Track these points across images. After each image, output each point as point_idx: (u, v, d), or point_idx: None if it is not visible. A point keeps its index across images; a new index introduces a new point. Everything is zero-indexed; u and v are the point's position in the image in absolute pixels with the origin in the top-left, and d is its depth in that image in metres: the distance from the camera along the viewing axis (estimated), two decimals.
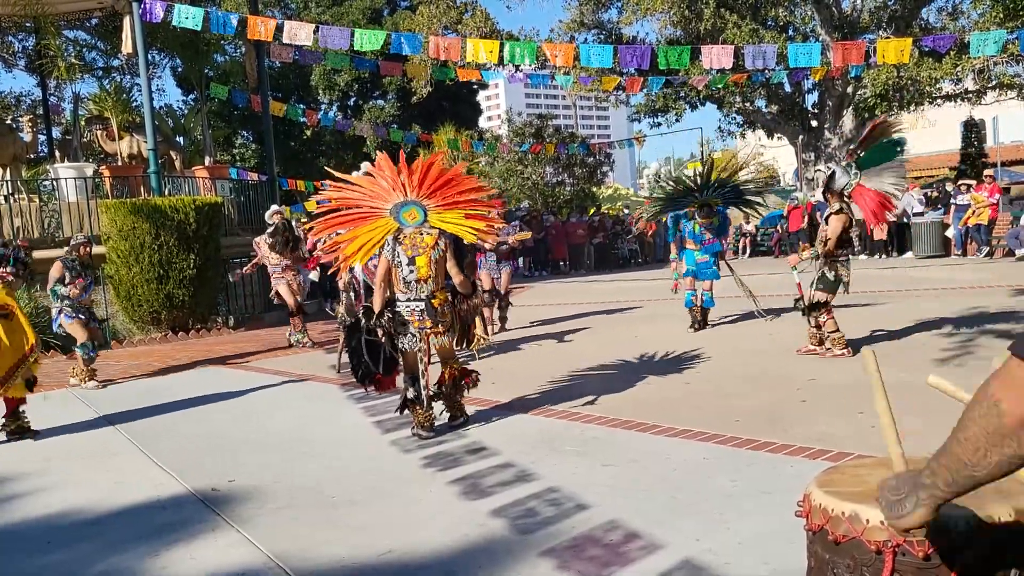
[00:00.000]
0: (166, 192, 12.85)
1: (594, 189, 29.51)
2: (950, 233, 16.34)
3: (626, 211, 25.77)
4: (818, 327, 6.83)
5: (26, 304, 8.99)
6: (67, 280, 7.76)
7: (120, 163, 14.19)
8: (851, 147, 6.93)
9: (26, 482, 4.76)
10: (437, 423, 5.20)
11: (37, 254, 11.35)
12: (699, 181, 8.76)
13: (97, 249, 11.63)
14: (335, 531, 3.61)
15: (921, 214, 16.85)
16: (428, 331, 5.05)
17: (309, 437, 5.46)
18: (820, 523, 1.53)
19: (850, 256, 6.94)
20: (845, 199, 6.79)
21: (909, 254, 16.71)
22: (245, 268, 10.22)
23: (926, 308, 8.83)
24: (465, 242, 5.88)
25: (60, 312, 7.80)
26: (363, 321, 5.12)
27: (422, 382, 5.15)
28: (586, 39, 23.45)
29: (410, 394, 5.14)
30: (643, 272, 18.94)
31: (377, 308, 5.09)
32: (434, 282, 5.04)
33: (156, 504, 4.21)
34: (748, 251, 22.38)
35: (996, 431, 1.14)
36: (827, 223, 6.78)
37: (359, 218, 5.26)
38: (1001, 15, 16.49)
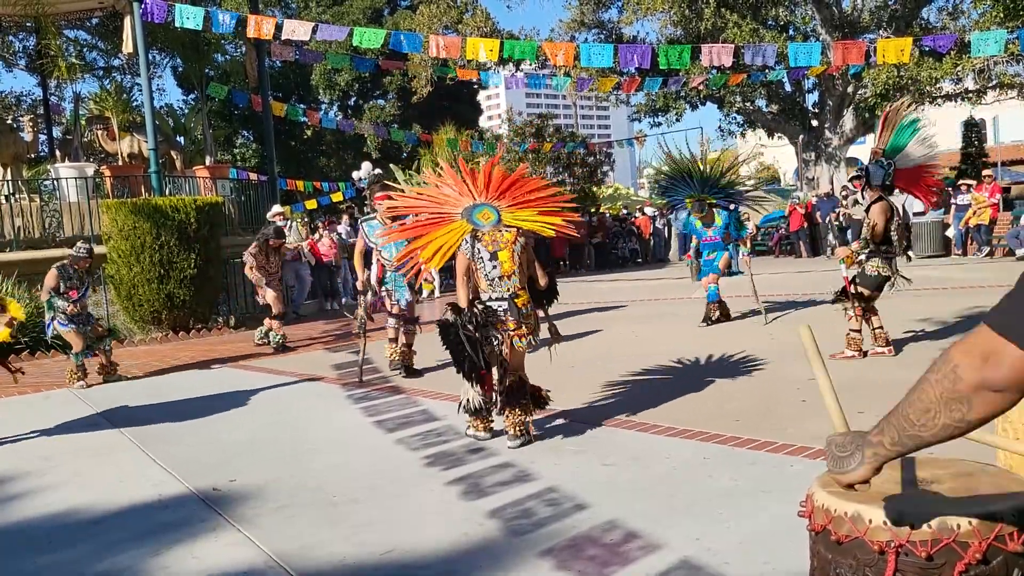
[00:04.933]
0: (167, 192, 12.85)
1: (594, 189, 29.50)
2: (950, 233, 16.33)
3: (625, 210, 25.76)
4: (872, 327, 6.79)
5: (27, 305, 9.00)
6: (62, 289, 7.81)
7: (121, 163, 14.19)
8: (873, 147, 6.95)
9: (27, 481, 4.77)
10: (509, 442, 4.80)
11: (38, 254, 11.40)
12: (697, 172, 9.11)
13: (98, 249, 11.65)
14: (336, 530, 3.61)
15: (921, 214, 16.85)
16: (511, 333, 4.80)
17: (310, 437, 5.47)
18: (823, 523, 1.53)
19: (894, 253, 6.89)
20: (885, 191, 6.76)
21: (909, 253, 16.69)
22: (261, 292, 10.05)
23: (926, 307, 8.85)
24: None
25: (53, 319, 7.90)
26: (454, 317, 4.75)
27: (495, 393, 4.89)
28: (586, 39, 23.49)
29: (476, 402, 4.89)
30: (643, 272, 18.94)
31: (463, 304, 4.83)
32: (518, 278, 4.83)
33: (157, 503, 4.21)
34: (748, 251, 22.33)
35: (950, 394, 1.20)
36: (868, 214, 6.77)
37: (431, 224, 5.11)
38: (1001, 15, 16.48)
